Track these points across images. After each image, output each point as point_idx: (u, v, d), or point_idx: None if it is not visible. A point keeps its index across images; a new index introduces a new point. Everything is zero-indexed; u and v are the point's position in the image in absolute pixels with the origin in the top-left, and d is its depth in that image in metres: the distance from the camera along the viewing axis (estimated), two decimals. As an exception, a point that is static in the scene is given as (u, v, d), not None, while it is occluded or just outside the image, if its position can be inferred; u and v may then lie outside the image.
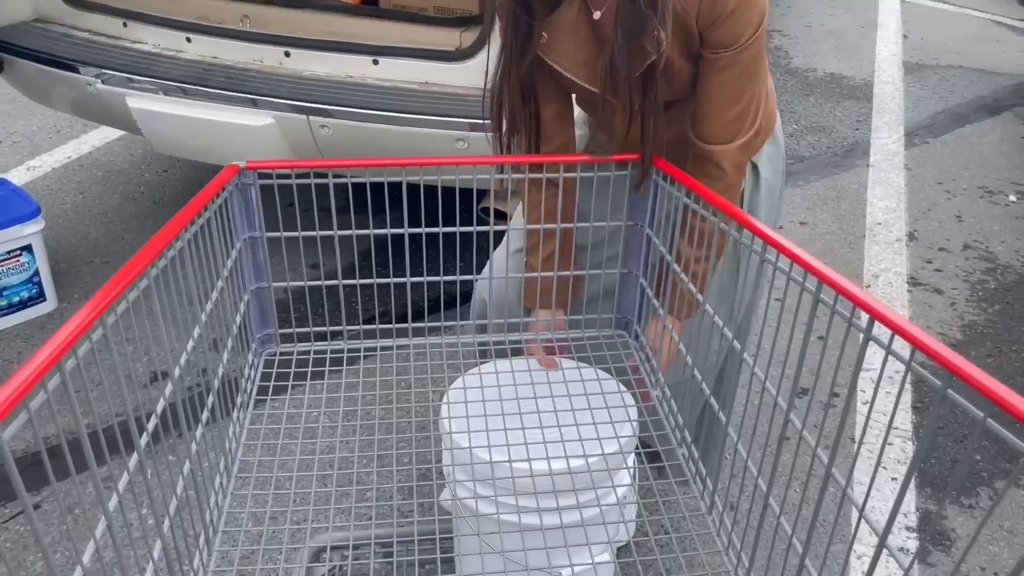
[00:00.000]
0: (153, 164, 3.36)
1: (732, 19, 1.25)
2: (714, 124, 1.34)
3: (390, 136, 2.14)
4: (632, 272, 1.60)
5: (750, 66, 1.30)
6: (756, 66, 1.31)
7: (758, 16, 1.26)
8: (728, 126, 1.34)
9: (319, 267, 2.64)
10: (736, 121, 1.34)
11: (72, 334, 0.77)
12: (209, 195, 1.23)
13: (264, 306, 1.59)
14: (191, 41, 2.38)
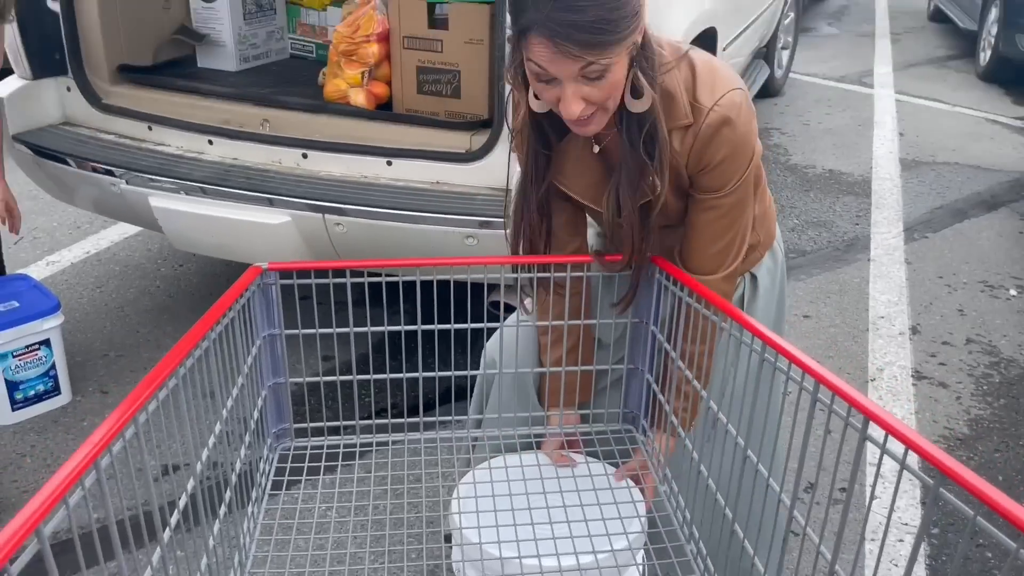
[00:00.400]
0: (169, 259, 3.45)
1: (719, 168, 1.35)
2: (699, 256, 1.42)
3: (402, 233, 2.22)
4: (638, 368, 1.63)
5: (734, 208, 1.39)
6: (741, 207, 1.40)
7: (744, 165, 1.35)
8: (713, 258, 1.42)
9: (331, 359, 2.68)
10: (720, 254, 1.42)
11: (107, 436, 0.81)
12: (234, 296, 1.29)
13: (280, 401, 1.63)
14: (213, 143, 2.49)
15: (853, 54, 7.28)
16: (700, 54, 1.37)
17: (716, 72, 1.33)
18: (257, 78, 2.80)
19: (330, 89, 2.47)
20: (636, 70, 1.24)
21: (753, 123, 1.35)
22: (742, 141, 1.33)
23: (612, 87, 1.21)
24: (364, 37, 2.39)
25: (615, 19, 1.14)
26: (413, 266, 1.58)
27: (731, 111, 1.30)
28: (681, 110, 1.31)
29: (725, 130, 1.31)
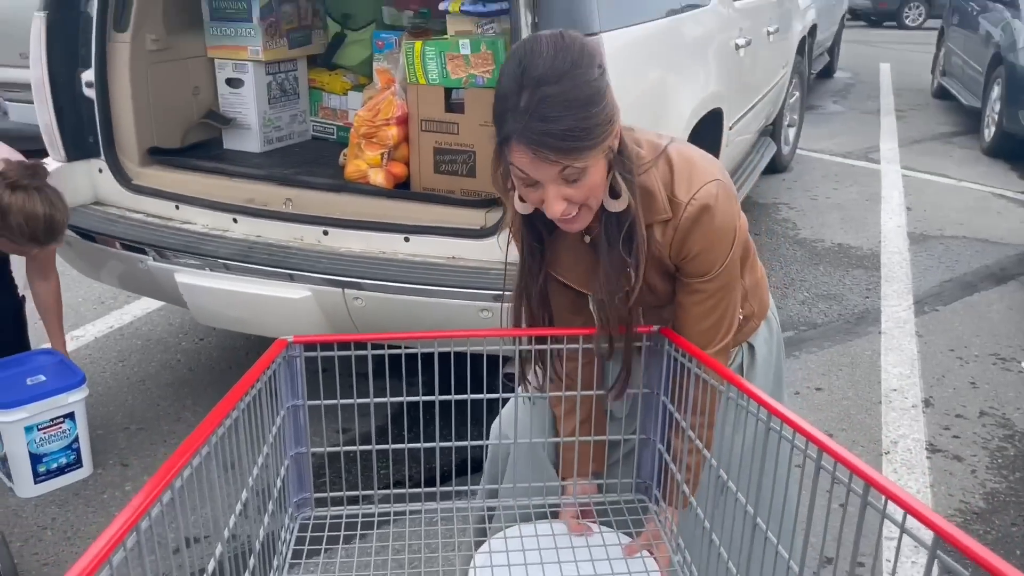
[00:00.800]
0: (190, 333, 3.52)
1: (700, 257, 1.43)
2: (689, 335, 1.49)
3: (419, 307, 2.28)
4: (650, 438, 1.66)
5: (719, 290, 1.46)
6: (726, 289, 1.47)
7: (726, 251, 1.43)
8: (702, 335, 1.49)
9: (350, 430, 2.72)
10: (709, 332, 1.49)
11: (137, 512, 0.86)
12: (262, 368, 1.34)
13: (302, 471, 1.67)
14: (237, 222, 2.58)
15: (859, 131, 7.44)
16: (679, 148, 1.45)
17: (693, 166, 1.42)
18: (281, 159, 2.92)
19: (351, 169, 2.57)
20: (614, 172, 1.33)
21: (732, 209, 1.43)
22: (721, 230, 1.41)
23: (591, 188, 1.30)
24: (384, 120, 2.51)
25: (587, 127, 1.22)
26: (430, 338, 1.64)
27: (708, 203, 1.39)
28: (660, 205, 1.40)
29: (703, 222, 1.39)
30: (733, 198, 1.44)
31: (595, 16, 2.16)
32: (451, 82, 2.45)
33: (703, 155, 1.49)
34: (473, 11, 2.44)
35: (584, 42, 1.26)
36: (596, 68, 1.24)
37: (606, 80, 1.26)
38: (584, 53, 1.24)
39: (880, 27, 17.01)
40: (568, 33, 1.27)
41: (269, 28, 2.90)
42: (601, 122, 1.24)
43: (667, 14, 2.77)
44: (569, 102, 1.21)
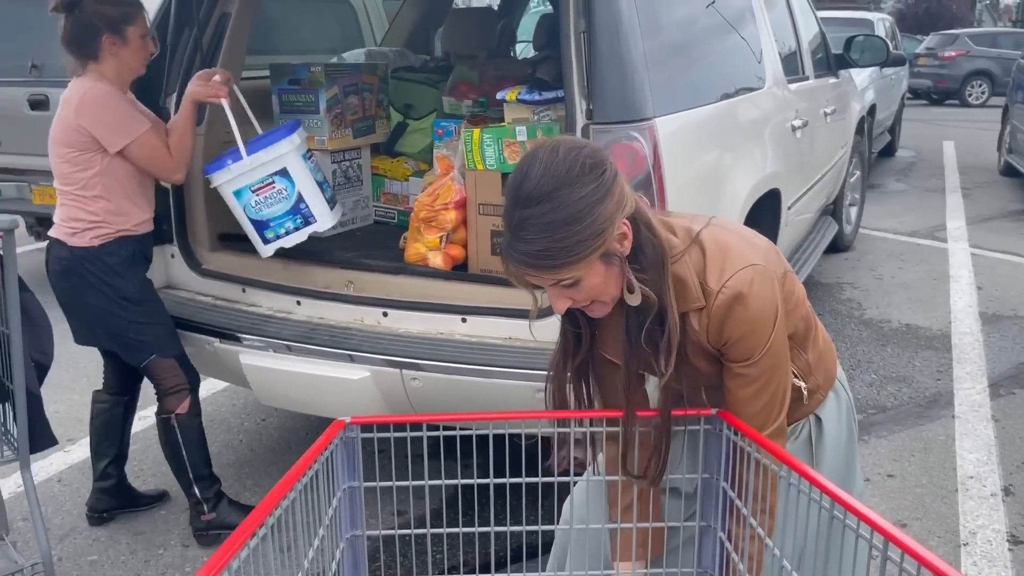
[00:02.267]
0: (253, 414, 3.58)
1: (740, 343, 1.44)
2: (742, 416, 1.48)
3: (475, 388, 2.29)
4: (711, 525, 1.62)
5: (764, 374, 1.46)
6: (771, 372, 1.47)
7: (765, 337, 1.43)
8: (752, 419, 1.48)
9: (405, 514, 2.70)
10: (759, 415, 1.48)
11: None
12: (319, 450, 1.36)
13: (357, 554, 1.66)
14: (301, 304, 2.65)
15: (923, 209, 7.32)
16: (716, 232, 1.47)
17: (728, 252, 1.44)
18: (343, 243, 3.00)
19: (410, 252, 2.63)
20: (626, 269, 1.37)
21: (768, 294, 1.43)
22: (757, 316, 1.41)
23: (590, 290, 1.36)
24: (443, 205, 2.57)
25: (565, 247, 1.28)
26: (485, 420, 1.64)
27: (740, 291, 1.40)
28: (693, 293, 1.43)
29: (737, 309, 1.41)
30: (771, 281, 1.44)
31: (648, 102, 2.20)
32: (508, 167, 2.51)
33: (744, 238, 1.50)
34: (529, 100, 2.52)
35: (579, 156, 1.31)
36: (587, 183, 1.29)
37: (602, 190, 1.30)
38: (575, 168, 1.29)
39: (942, 105, 16.89)
40: (566, 145, 1.33)
41: (335, 119, 3.02)
42: (586, 237, 1.29)
43: (722, 98, 2.80)
44: (547, 224, 1.27)
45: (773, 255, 1.52)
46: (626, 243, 1.36)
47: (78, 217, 2.44)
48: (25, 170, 5.04)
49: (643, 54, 2.23)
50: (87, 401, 3.78)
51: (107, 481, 2.78)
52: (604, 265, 1.35)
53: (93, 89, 2.38)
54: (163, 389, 2.57)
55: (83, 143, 2.38)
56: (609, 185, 1.31)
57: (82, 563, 2.62)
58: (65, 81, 4.98)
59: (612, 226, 1.32)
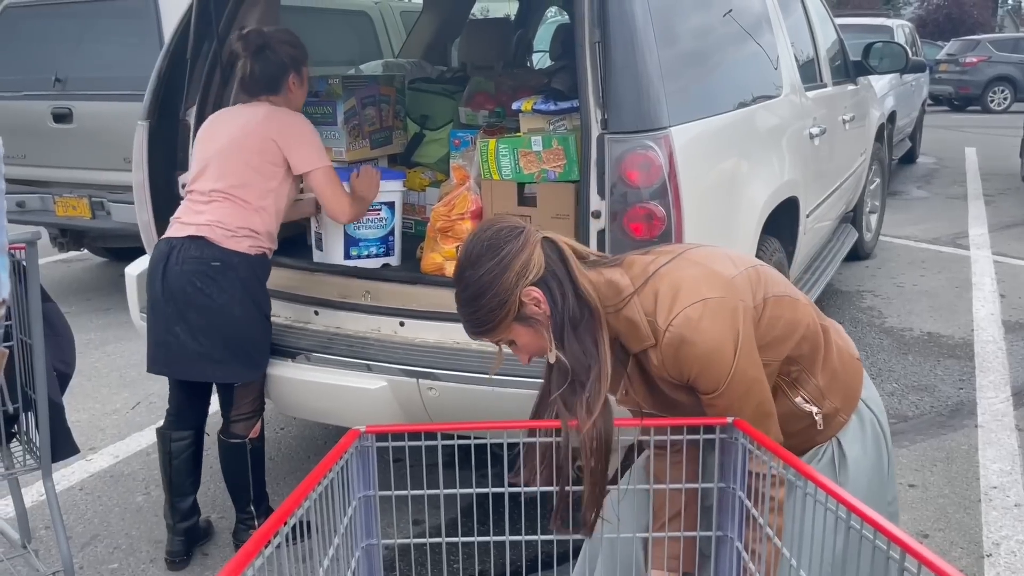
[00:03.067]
0: (271, 423, 3.59)
1: (700, 378, 1.49)
2: None
3: (491, 397, 2.29)
4: (727, 535, 1.61)
5: (735, 402, 1.49)
6: (743, 399, 1.49)
7: (723, 370, 1.47)
8: None
9: (421, 523, 2.70)
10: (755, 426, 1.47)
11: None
12: (335, 458, 1.36)
13: (372, 563, 1.66)
14: (319, 314, 2.67)
15: (945, 216, 7.25)
16: (676, 269, 1.53)
17: (679, 289, 1.49)
18: (361, 253, 3.01)
19: (427, 262, 2.64)
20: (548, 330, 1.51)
21: (716, 328, 1.45)
22: (709, 350, 1.46)
23: (528, 348, 1.57)
24: (459, 215, 2.58)
25: (479, 317, 1.52)
26: (499, 429, 1.64)
27: (682, 329, 1.46)
28: (643, 332, 1.50)
29: (684, 348, 1.47)
30: (728, 313, 1.47)
31: (663, 111, 2.21)
32: (524, 177, 2.51)
33: (708, 270, 1.53)
34: (545, 110, 2.53)
35: (481, 239, 1.52)
36: (484, 263, 1.49)
37: (500, 267, 1.48)
38: (475, 251, 1.51)
39: (963, 112, 16.75)
40: (481, 230, 1.55)
41: (352, 130, 3.05)
42: (492, 308, 1.49)
43: (738, 106, 2.80)
44: (462, 301, 1.54)
45: (743, 283, 1.54)
46: (542, 305, 1.50)
47: (239, 224, 2.43)
48: (49, 182, 5.12)
49: (658, 63, 2.23)
50: (108, 410, 3.84)
51: (189, 521, 2.65)
52: (526, 327, 1.52)
53: (283, 111, 2.54)
54: (241, 413, 2.55)
55: (272, 157, 2.48)
56: (508, 260, 1.48)
57: (103, 571, 2.64)
58: (88, 94, 5.06)
59: (514, 295, 1.48)
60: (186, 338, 2.42)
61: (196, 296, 2.40)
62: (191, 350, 2.42)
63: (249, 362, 2.49)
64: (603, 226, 2.22)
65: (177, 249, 2.43)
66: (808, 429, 1.62)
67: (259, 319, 2.50)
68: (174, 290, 2.41)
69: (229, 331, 2.43)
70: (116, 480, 3.20)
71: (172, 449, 2.60)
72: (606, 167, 2.18)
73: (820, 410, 1.60)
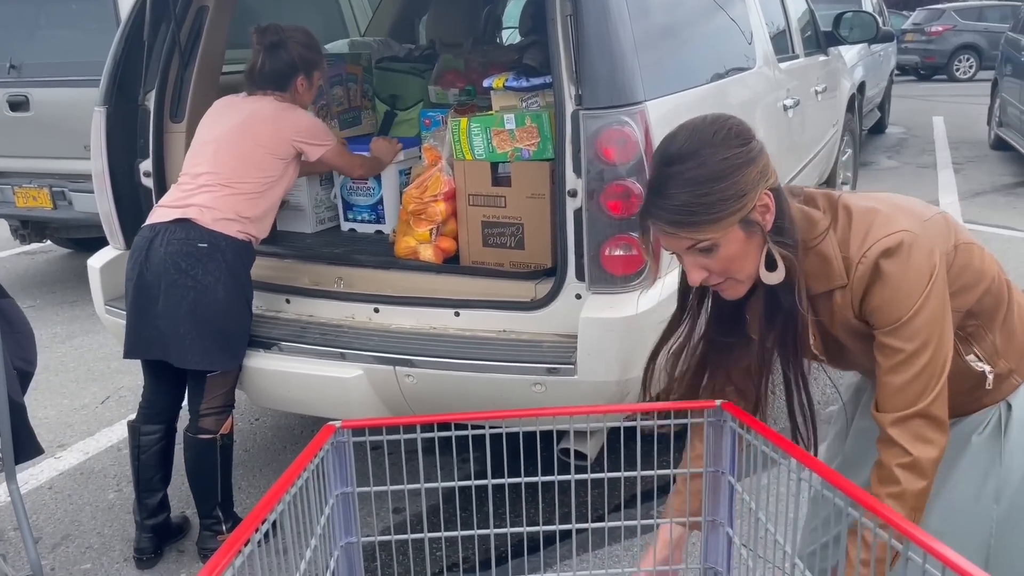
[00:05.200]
0: (246, 414, 3.53)
1: (882, 309, 1.36)
2: (883, 393, 1.38)
3: (471, 382, 2.24)
4: (718, 520, 1.58)
5: (909, 344, 1.35)
6: (921, 346, 1.35)
7: (910, 302, 1.33)
8: (895, 395, 1.36)
9: (402, 511, 2.66)
10: (904, 391, 1.35)
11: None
12: (309, 455, 1.31)
13: (353, 561, 1.61)
14: (290, 302, 2.60)
15: (916, 185, 7.28)
16: (865, 199, 1.42)
17: (873, 220, 1.37)
18: (332, 238, 2.95)
19: (400, 246, 2.58)
20: (768, 244, 1.32)
21: (918, 261, 1.34)
22: (899, 282, 1.34)
23: (728, 260, 1.32)
24: (432, 197, 2.52)
25: (706, 203, 1.27)
26: (480, 419, 1.59)
27: (878, 259, 1.34)
28: (836, 272, 1.38)
29: (876, 277, 1.35)
30: (924, 250, 1.35)
31: (638, 86, 2.15)
32: (497, 156, 2.46)
33: (897, 206, 1.41)
34: (517, 87, 2.47)
35: (727, 123, 1.32)
36: (732, 147, 1.29)
37: (746, 156, 1.29)
38: (721, 132, 1.30)
39: (930, 81, 16.85)
40: (716, 117, 1.34)
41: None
42: (728, 197, 1.28)
43: (712, 79, 2.75)
44: (688, 180, 1.28)
45: (937, 226, 1.42)
46: (768, 216, 1.33)
47: (229, 208, 2.39)
48: (7, 172, 4.96)
49: (632, 36, 2.18)
50: (77, 406, 3.74)
51: (158, 517, 2.57)
52: (744, 234, 1.31)
53: (291, 109, 2.54)
54: (212, 407, 2.46)
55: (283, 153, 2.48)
56: (755, 154, 1.31)
57: (75, 572, 2.57)
58: (44, 81, 4.91)
59: (754, 192, 1.30)
60: (166, 321, 2.36)
61: (180, 278, 2.34)
62: (170, 333, 2.36)
63: (227, 350, 2.42)
64: (579, 205, 2.17)
65: (161, 233, 2.38)
66: (975, 389, 1.51)
67: (242, 305, 2.44)
68: (158, 272, 2.35)
69: (211, 314, 2.36)
70: (86, 478, 3.12)
71: (141, 443, 2.53)
72: (581, 144, 2.13)
73: (993, 369, 1.48)
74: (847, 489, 1.08)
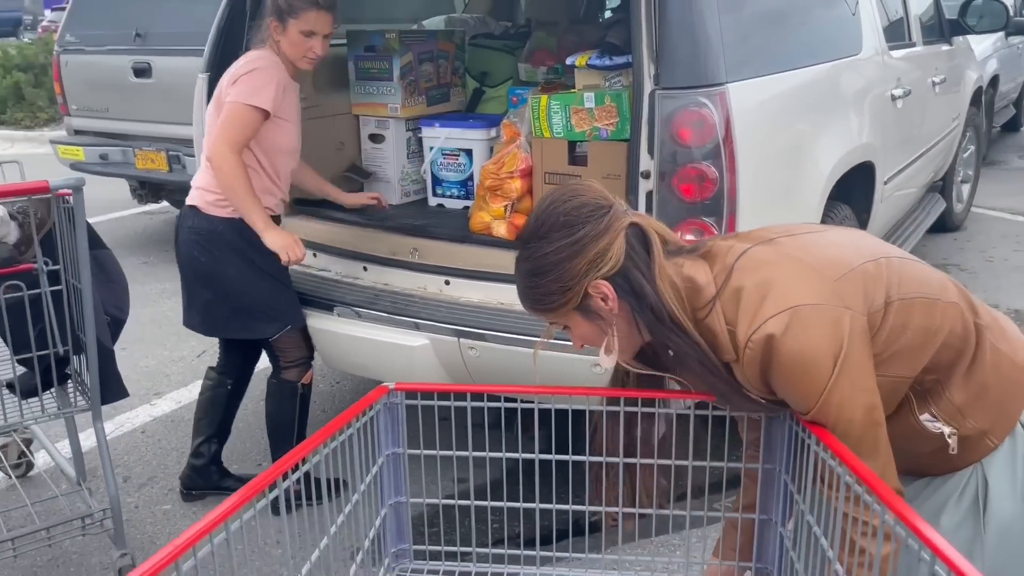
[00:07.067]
0: (328, 376, 3.65)
1: (789, 397, 1.31)
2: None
3: (531, 359, 2.24)
4: (771, 519, 1.54)
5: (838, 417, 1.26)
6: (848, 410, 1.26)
7: (818, 386, 1.24)
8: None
9: (466, 481, 2.70)
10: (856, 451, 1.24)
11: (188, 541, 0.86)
12: (356, 411, 1.35)
13: (401, 520, 1.66)
14: (367, 270, 2.67)
15: (1045, 189, 6.81)
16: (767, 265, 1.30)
17: (767, 295, 1.26)
18: (413, 210, 3.00)
19: (475, 221, 2.60)
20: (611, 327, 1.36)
21: (815, 338, 1.22)
22: (793, 368, 1.24)
23: (582, 338, 1.42)
24: (508, 173, 2.52)
25: (535, 295, 1.38)
26: (531, 393, 1.61)
27: (768, 346, 1.24)
28: (724, 347, 1.31)
29: (769, 367, 1.27)
30: (819, 327, 1.22)
31: (720, 66, 2.09)
32: (575, 135, 2.44)
33: (803, 267, 1.28)
34: (600, 65, 2.44)
35: (559, 210, 1.33)
36: (556, 240, 1.31)
37: (572, 248, 1.30)
38: (548, 222, 1.33)
39: (1078, 77, 15.63)
40: (561, 194, 1.36)
41: (408, 86, 3.01)
42: (551, 291, 1.34)
43: (808, 63, 2.64)
44: (522, 272, 1.39)
45: (856, 282, 1.27)
46: (609, 303, 1.33)
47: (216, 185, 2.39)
48: (130, 135, 5.27)
49: (717, 15, 2.12)
50: (175, 357, 3.95)
51: (199, 460, 2.71)
52: (586, 319, 1.36)
53: (246, 56, 2.44)
54: (288, 362, 2.56)
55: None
56: (585, 243, 1.30)
57: (156, 512, 2.73)
58: (166, 49, 5.16)
59: (579, 284, 1.32)
60: (201, 300, 2.53)
61: (197, 264, 2.49)
62: (207, 310, 2.54)
63: (259, 318, 2.51)
64: (652, 187, 2.14)
65: (181, 216, 2.55)
66: (939, 451, 1.35)
67: (257, 278, 2.46)
68: (182, 257, 2.53)
69: (228, 291, 2.49)
70: (176, 425, 3.30)
71: (202, 385, 2.77)
72: (656, 125, 2.09)
73: (956, 431, 1.33)
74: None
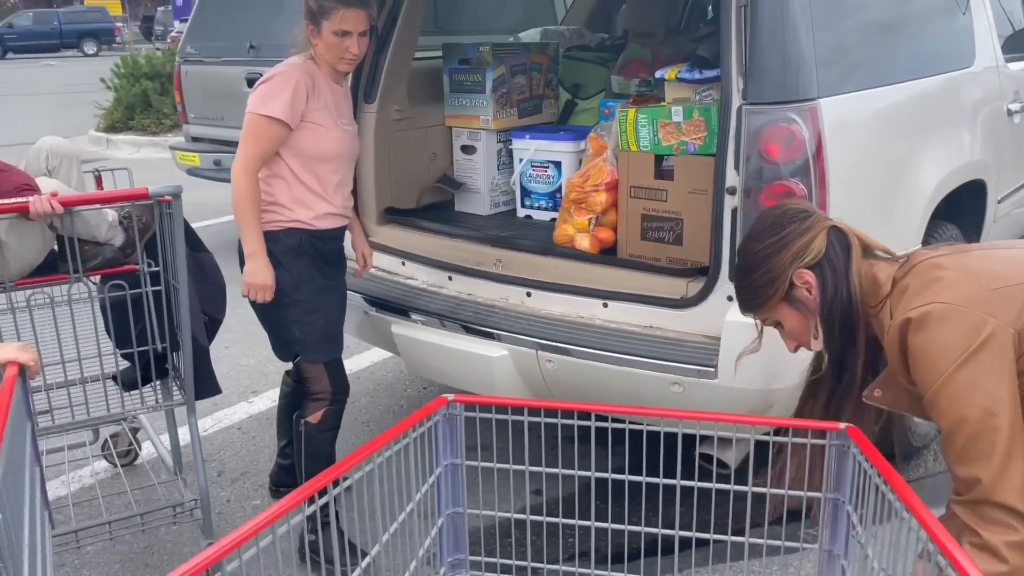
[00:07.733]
0: (416, 382, 3.72)
1: (915, 375, 1.43)
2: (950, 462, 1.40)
3: (608, 374, 2.23)
4: (834, 551, 1.48)
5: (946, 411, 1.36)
6: (959, 408, 1.34)
7: (937, 372, 1.37)
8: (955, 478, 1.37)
9: (540, 494, 2.70)
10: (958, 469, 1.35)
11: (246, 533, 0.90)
12: (414, 421, 1.37)
13: (458, 530, 1.68)
14: (452, 279, 2.71)
15: None
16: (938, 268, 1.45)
17: (926, 288, 1.42)
18: (500, 221, 3.03)
19: (559, 233, 2.60)
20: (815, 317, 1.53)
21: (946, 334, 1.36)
22: (921, 354, 1.38)
23: (792, 332, 1.58)
24: (594, 186, 2.52)
25: (747, 292, 1.58)
26: (598, 411, 1.60)
27: (901, 329, 1.41)
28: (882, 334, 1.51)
29: (904, 350, 1.43)
30: (958, 321, 1.35)
31: (812, 81, 2.03)
32: (662, 149, 2.41)
33: (967, 274, 1.42)
34: (689, 78, 2.40)
35: (769, 215, 1.59)
36: (764, 239, 1.53)
37: (778, 244, 1.52)
38: (758, 225, 1.58)
39: None
40: (780, 206, 1.62)
41: (500, 99, 3.04)
42: (761, 285, 1.54)
43: (912, 77, 2.53)
44: (737, 274, 1.63)
45: (1008, 299, 1.38)
46: (813, 291, 1.51)
47: (267, 197, 2.30)
48: (240, 143, 5.51)
49: (811, 28, 2.06)
50: (273, 357, 4.08)
51: (286, 460, 2.71)
52: (794, 310, 1.54)
53: (285, 62, 2.36)
54: (312, 393, 2.44)
55: None
56: (790, 239, 1.51)
57: (247, 506, 2.85)
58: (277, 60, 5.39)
59: (784, 275, 1.51)
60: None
61: None
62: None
63: (282, 341, 2.43)
64: (737, 203, 2.09)
65: None
66: None
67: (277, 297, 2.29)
68: None
69: (257, 310, 2.38)
70: (271, 423, 3.42)
71: (281, 390, 2.85)
72: (742, 140, 2.04)
73: None
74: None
